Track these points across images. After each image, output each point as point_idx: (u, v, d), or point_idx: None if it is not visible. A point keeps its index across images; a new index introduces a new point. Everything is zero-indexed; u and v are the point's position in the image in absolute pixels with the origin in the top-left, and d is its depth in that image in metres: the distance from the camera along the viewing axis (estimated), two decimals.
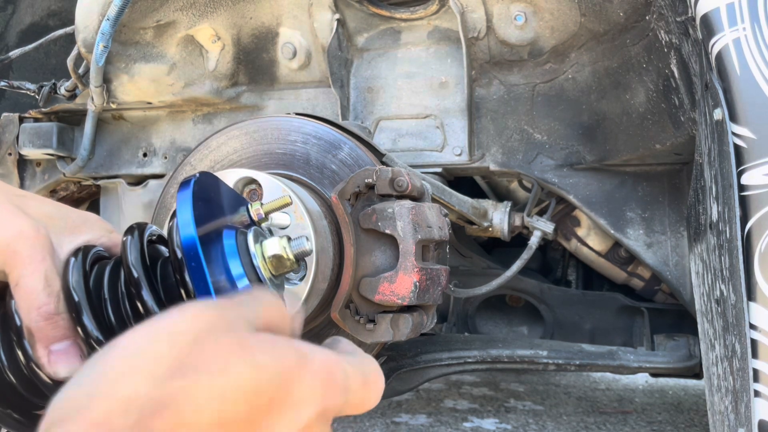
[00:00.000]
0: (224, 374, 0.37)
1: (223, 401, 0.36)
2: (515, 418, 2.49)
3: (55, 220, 0.61)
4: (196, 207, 0.57)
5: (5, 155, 1.94)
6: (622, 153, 1.60)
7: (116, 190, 1.90)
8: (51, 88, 1.85)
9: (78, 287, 0.56)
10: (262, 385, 0.38)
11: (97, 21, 1.59)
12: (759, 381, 1.00)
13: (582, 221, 1.92)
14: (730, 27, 1.06)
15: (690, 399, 2.91)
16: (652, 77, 1.45)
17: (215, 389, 0.36)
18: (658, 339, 1.81)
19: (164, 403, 0.35)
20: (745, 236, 1.02)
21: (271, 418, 0.39)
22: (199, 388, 0.36)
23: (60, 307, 0.56)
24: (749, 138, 1.03)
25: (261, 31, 1.75)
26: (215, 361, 0.37)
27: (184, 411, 0.35)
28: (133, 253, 0.58)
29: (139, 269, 0.57)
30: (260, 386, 0.38)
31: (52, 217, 0.61)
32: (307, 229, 1.15)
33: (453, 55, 1.71)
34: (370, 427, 2.35)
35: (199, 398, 0.36)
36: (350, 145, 1.31)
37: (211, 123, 1.85)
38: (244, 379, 0.37)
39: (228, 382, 0.37)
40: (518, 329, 2.35)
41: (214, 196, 0.64)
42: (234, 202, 0.70)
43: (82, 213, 0.65)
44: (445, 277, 1.27)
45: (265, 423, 0.38)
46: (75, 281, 0.56)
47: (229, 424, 0.37)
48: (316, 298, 1.20)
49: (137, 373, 0.36)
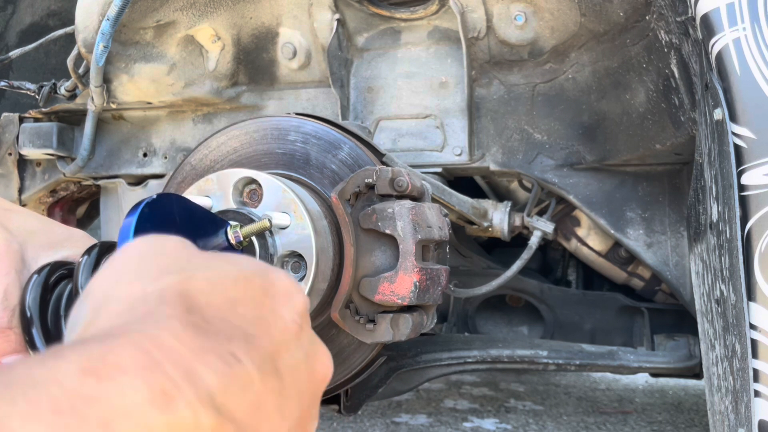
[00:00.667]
0: (215, 266, 0.41)
1: (223, 284, 0.40)
2: (515, 418, 2.49)
3: (37, 235, 0.62)
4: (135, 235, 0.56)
5: (5, 155, 1.94)
6: (622, 153, 1.60)
7: (116, 190, 1.90)
8: (51, 88, 1.85)
9: (33, 303, 0.57)
10: (248, 274, 0.41)
11: (97, 21, 1.59)
12: (759, 381, 1.00)
13: (582, 221, 1.92)
14: (730, 27, 1.06)
15: (690, 399, 2.91)
16: (652, 77, 1.45)
17: (214, 274, 0.40)
18: (658, 339, 1.81)
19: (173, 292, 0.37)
20: (745, 236, 1.02)
21: (273, 300, 0.41)
22: (198, 277, 0.39)
23: (14, 321, 0.57)
24: (749, 138, 1.03)
25: (261, 31, 1.75)
26: (201, 264, 0.41)
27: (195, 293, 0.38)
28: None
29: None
30: (247, 275, 0.41)
31: (34, 233, 0.62)
32: (307, 229, 1.15)
33: (453, 55, 1.71)
34: (370, 427, 2.35)
35: (202, 284, 0.39)
36: (350, 145, 1.31)
37: (211, 123, 1.85)
38: (232, 270, 0.41)
39: (220, 272, 0.41)
40: (518, 329, 2.35)
41: (179, 219, 0.62)
42: (210, 225, 0.68)
43: (67, 229, 0.65)
44: (445, 277, 1.27)
45: (269, 304, 0.41)
46: (31, 298, 0.57)
47: (240, 302, 0.39)
48: (316, 298, 1.20)
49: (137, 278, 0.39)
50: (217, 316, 0.37)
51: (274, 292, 0.42)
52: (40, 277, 0.58)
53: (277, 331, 0.40)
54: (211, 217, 0.70)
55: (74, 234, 0.65)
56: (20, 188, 1.99)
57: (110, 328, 0.35)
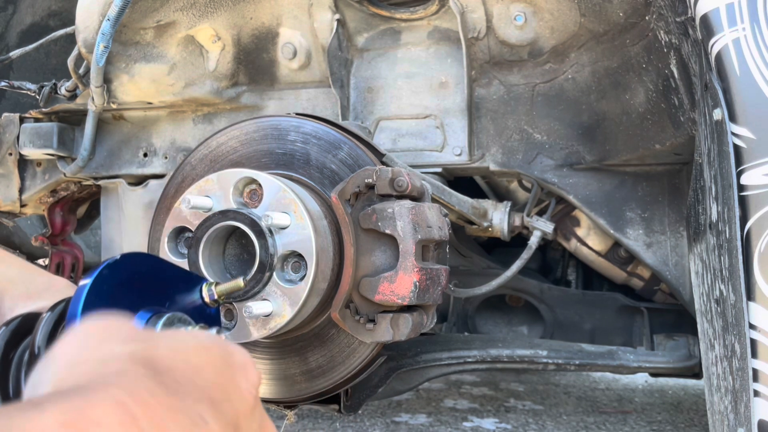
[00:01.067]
0: (175, 338, 0.43)
1: (185, 351, 0.41)
2: (515, 418, 2.49)
3: (15, 285, 0.63)
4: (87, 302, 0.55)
5: (6, 155, 1.95)
6: (622, 153, 1.60)
7: (116, 190, 1.90)
8: (51, 88, 1.85)
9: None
10: (207, 344, 0.43)
11: (97, 21, 1.59)
12: (758, 381, 1.00)
13: (582, 221, 1.92)
14: (729, 27, 1.06)
15: (689, 399, 2.91)
16: (652, 77, 1.46)
17: (175, 343, 0.42)
18: (658, 339, 1.81)
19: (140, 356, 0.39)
20: (745, 236, 1.02)
21: (232, 370, 0.43)
22: (161, 346, 0.41)
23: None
24: (749, 138, 1.03)
25: (261, 31, 1.75)
26: (161, 335, 0.43)
27: (160, 358, 0.39)
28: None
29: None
30: (206, 345, 0.43)
31: (13, 282, 0.63)
32: (307, 228, 1.15)
33: (453, 55, 1.71)
34: (370, 427, 2.35)
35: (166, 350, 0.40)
36: (350, 145, 1.31)
37: (212, 123, 1.85)
38: (191, 340, 0.43)
39: (180, 341, 0.42)
40: (518, 329, 2.35)
41: (146, 278, 0.62)
42: (183, 283, 0.68)
43: (49, 279, 0.65)
44: (445, 277, 1.27)
45: (229, 373, 0.43)
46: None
47: (202, 369, 0.41)
48: (316, 298, 1.20)
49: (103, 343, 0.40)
50: (184, 378, 0.39)
51: (233, 362, 0.44)
52: (6, 331, 0.58)
53: (237, 399, 0.42)
54: (184, 275, 0.69)
55: (56, 283, 0.65)
56: (21, 188, 1.99)
57: (87, 382, 0.35)
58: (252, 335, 1.16)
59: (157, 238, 1.36)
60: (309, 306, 1.18)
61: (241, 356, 0.45)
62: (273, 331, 1.15)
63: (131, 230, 1.86)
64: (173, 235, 1.22)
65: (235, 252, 1.25)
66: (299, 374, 1.33)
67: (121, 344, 0.40)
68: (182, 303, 0.67)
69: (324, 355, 1.31)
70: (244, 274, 1.16)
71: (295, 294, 1.14)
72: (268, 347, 1.34)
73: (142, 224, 1.82)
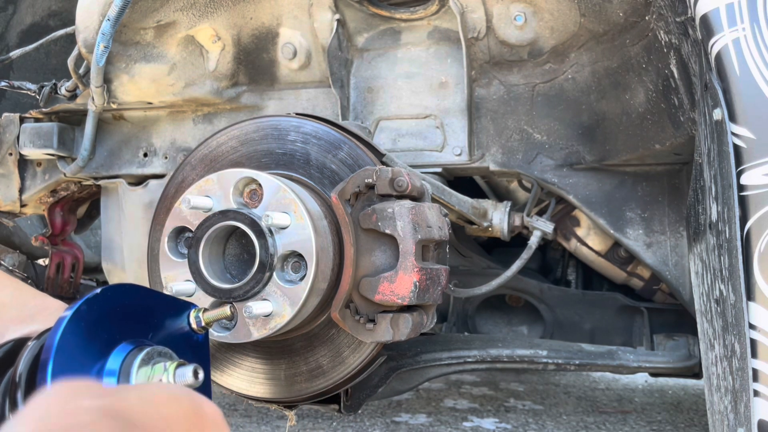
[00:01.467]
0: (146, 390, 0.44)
1: (156, 402, 0.42)
2: (515, 418, 2.49)
3: (7, 309, 0.63)
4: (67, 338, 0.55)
5: (6, 155, 1.95)
6: (622, 153, 1.60)
7: (117, 190, 1.90)
8: (51, 88, 1.85)
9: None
10: (177, 395, 0.44)
11: (97, 21, 1.59)
12: (758, 381, 1.00)
13: (582, 221, 1.92)
14: (729, 27, 1.06)
15: (689, 399, 2.91)
16: (652, 77, 1.46)
17: (146, 395, 0.42)
18: (658, 339, 1.81)
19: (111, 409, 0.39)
20: (745, 236, 1.02)
21: (203, 422, 0.44)
22: (132, 398, 0.41)
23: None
24: (748, 138, 1.03)
25: (261, 31, 1.75)
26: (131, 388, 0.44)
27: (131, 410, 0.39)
28: None
29: None
30: (177, 396, 0.44)
31: (5, 306, 0.64)
32: (307, 229, 1.15)
33: (453, 55, 1.71)
34: (370, 427, 2.35)
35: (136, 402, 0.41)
36: (350, 145, 1.31)
37: (212, 123, 1.85)
38: (161, 390, 0.44)
39: (150, 391, 0.43)
40: (518, 329, 2.35)
41: (129, 309, 0.62)
42: (171, 309, 0.68)
43: (43, 301, 0.66)
44: (445, 277, 1.28)
45: (200, 426, 0.43)
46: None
47: (174, 421, 0.41)
48: (316, 298, 1.20)
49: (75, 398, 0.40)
50: (156, 430, 0.39)
51: (203, 414, 0.44)
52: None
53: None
54: (171, 302, 0.70)
55: (49, 306, 0.65)
56: (21, 188, 1.99)
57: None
58: (252, 335, 1.16)
59: (157, 238, 1.36)
60: (309, 306, 1.18)
61: (211, 408, 0.46)
62: (273, 331, 1.15)
63: (131, 230, 1.86)
64: (173, 235, 1.22)
65: (235, 252, 1.25)
66: (299, 374, 1.33)
67: (92, 399, 0.40)
68: (170, 329, 0.67)
69: (324, 355, 1.31)
70: (244, 273, 1.16)
71: (295, 294, 1.14)
72: (268, 347, 1.34)
73: (142, 224, 1.82)
